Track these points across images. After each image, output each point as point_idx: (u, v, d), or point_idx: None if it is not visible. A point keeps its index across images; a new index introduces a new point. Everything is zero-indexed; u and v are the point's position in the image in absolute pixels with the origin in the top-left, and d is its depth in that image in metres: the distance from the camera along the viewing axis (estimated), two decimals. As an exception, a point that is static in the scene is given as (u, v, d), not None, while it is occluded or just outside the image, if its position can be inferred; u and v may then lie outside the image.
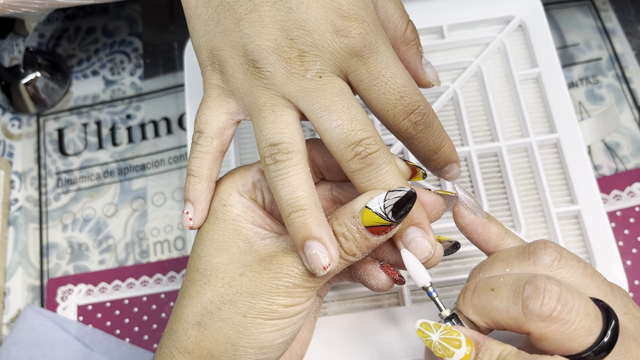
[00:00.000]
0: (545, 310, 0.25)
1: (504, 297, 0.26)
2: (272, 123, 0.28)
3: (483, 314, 0.27)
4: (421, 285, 0.29)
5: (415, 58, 0.33)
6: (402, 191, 0.27)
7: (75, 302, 0.46)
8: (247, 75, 0.29)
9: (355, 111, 0.28)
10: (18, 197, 0.51)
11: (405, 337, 0.38)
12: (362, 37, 0.28)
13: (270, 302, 0.28)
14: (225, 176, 0.32)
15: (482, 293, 0.27)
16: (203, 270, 0.30)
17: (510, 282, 0.26)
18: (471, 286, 0.28)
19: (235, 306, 0.28)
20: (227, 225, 0.30)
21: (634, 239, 0.45)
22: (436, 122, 0.31)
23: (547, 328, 0.25)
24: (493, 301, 0.26)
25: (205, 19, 0.30)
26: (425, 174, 0.32)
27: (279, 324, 0.28)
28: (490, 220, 0.31)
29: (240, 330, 0.28)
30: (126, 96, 0.54)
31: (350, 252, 0.28)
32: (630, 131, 0.49)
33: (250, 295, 0.28)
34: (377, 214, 0.27)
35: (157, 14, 0.57)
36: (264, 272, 0.28)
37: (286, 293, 0.28)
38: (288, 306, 0.28)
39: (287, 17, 0.28)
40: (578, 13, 0.53)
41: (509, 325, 0.26)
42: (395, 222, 0.28)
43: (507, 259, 0.29)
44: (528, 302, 0.25)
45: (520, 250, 0.29)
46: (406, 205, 0.27)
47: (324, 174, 0.32)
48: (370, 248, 0.28)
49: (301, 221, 0.27)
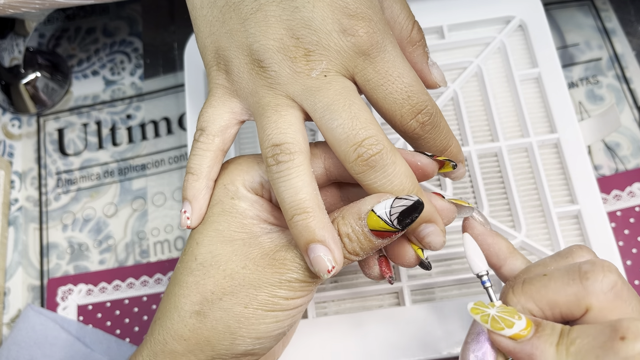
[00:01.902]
0: (608, 282, 0.25)
1: (559, 278, 0.26)
2: (274, 123, 0.28)
3: (538, 298, 0.26)
4: (476, 272, 0.28)
5: (421, 59, 0.33)
6: (409, 200, 0.27)
7: (76, 302, 0.46)
8: (252, 75, 0.29)
9: (356, 109, 0.28)
10: (18, 197, 0.51)
11: (406, 337, 0.38)
12: (369, 35, 0.28)
13: (272, 295, 0.28)
14: (231, 165, 0.31)
15: (534, 280, 0.27)
16: (202, 260, 0.29)
17: (563, 268, 0.26)
18: (519, 280, 0.27)
19: (236, 297, 0.28)
20: (233, 219, 0.30)
21: (634, 239, 0.44)
22: (443, 123, 0.31)
23: (609, 302, 0.25)
24: (548, 283, 0.26)
25: (211, 19, 0.30)
26: (455, 165, 0.31)
27: (278, 316, 0.29)
28: (499, 235, 0.31)
29: (241, 320, 0.28)
30: (126, 96, 0.54)
31: (354, 252, 0.28)
32: (630, 131, 0.49)
33: (253, 287, 0.28)
34: (383, 219, 0.27)
35: (157, 14, 0.57)
36: (267, 266, 0.28)
37: (288, 287, 0.28)
38: (289, 299, 0.28)
39: (293, 17, 0.28)
40: (578, 13, 0.53)
41: (567, 304, 0.25)
42: (399, 229, 0.27)
43: (544, 263, 0.29)
44: (589, 275, 0.25)
45: (556, 254, 0.29)
46: (413, 214, 0.27)
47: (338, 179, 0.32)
48: (374, 249, 0.28)
49: (304, 224, 0.27)
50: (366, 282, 0.40)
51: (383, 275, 0.31)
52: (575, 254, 0.28)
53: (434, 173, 0.30)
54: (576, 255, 0.28)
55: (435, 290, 0.40)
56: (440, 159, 0.30)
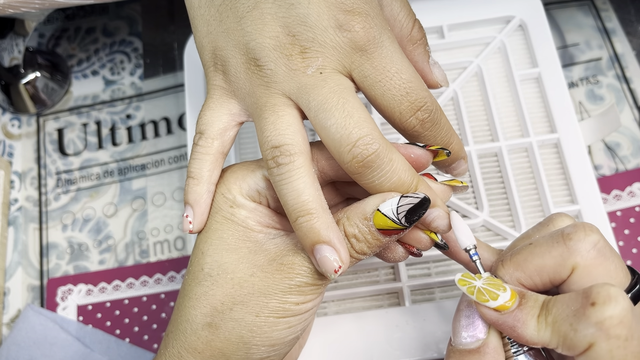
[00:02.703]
0: (590, 240, 0.25)
1: (544, 244, 0.26)
2: (273, 124, 0.28)
3: (525, 266, 0.26)
4: (464, 246, 0.28)
5: (422, 58, 0.32)
6: (416, 197, 0.27)
7: (75, 302, 0.46)
8: (249, 74, 0.29)
9: (350, 107, 0.27)
10: (18, 197, 0.50)
11: (406, 337, 0.38)
12: (366, 31, 0.28)
13: (283, 301, 0.28)
14: (227, 173, 0.31)
15: (521, 250, 0.27)
16: (209, 270, 0.29)
17: (548, 234, 0.27)
18: (507, 252, 0.28)
19: (247, 306, 0.28)
20: (236, 227, 0.30)
21: (634, 239, 0.44)
22: (444, 120, 0.30)
23: (593, 259, 0.25)
24: (533, 250, 0.26)
25: (208, 18, 0.30)
26: (449, 152, 0.31)
27: (291, 322, 0.28)
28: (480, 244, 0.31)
29: (253, 329, 0.28)
30: (126, 96, 0.54)
31: (362, 252, 0.28)
32: (630, 131, 0.48)
33: (263, 295, 0.28)
34: (390, 218, 0.27)
35: (157, 14, 0.57)
36: (275, 272, 0.28)
37: (298, 292, 0.28)
38: (300, 304, 0.28)
39: (289, 14, 0.28)
40: (578, 13, 0.53)
41: (553, 267, 0.26)
42: (407, 226, 0.27)
43: (527, 235, 0.29)
44: (572, 236, 0.26)
45: (538, 224, 0.29)
46: (419, 211, 0.27)
47: (333, 179, 0.31)
48: (381, 247, 0.28)
49: (309, 226, 0.27)
50: (366, 282, 0.40)
51: (410, 251, 0.30)
52: (556, 221, 0.29)
53: (429, 163, 0.30)
54: (557, 222, 0.29)
55: (435, 290, 0.40)
56: (434, 148, 0.30)
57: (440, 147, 0.30)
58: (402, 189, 0.28)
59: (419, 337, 0.38)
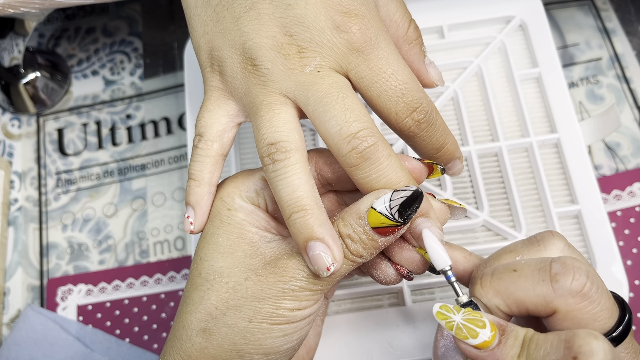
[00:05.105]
0: (576, 285, 0.25)
1: (529, 276, 0.26)
2: (269, 122, 0.28)
3: (506, 295, 0.26)
4: (440, 268, 0.28)
5: (418, 57, 0.33)
6: (407, 191, 0.27)
7: (75, 302, 0.46)
8: (245, 74, 0.29)
9: (350, 102, 0.27)
10: (18, 197, 0.50)
11: (406, 337, 0.38)
12: (362, 32, 0.28)
13: (277, 307, 0.27)
14: (228, 180, 0.32)
15: (503, 275, 0.26)
16: (206, 275, 0.29)
17: (533, 263, 0.26)
18: (488, 272, 0.27)
19: (240, 311, 0.28)
20: (232, 229, 0.30)
21: (634, 239, 0.44)
22: (439, 120, 0.30)
23: (576, 305, 0.25)
24: (517, 280, 0.26)
25: (205, 19, 0.30)
26: (443, 170, 0.31)
27: (285, 329, 0.28)
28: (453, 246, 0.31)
29: (246, 336, 0.27)
30: (126, 96, 0.54)
31: (357, 253, 0.27)
32: (630, 131, 0.48)
33: (256, 300, 0.28)
34: (383, 214, 0.27)
35: (157, 14, 0.57)
36: (269, 275, 0.28)
37: (292, 297, 0.27)
38: (295, 310, 0.28)
39: (286, 14, 0.28)
40: (578, 13, 0.53)
41: (534, 305, 0.25)
42: (402, 222, 0.27)
43: (515, 249, 0.29)
44: (558, 278, 0.25)
45: (527, 241, 0.29)
46: (413, 205, 0.27)
47: (333, 185, 0.32)
48: (378, 249, 0.28)
49: (302, 222, 0.27)
50: (366, 282, 0.40)
51: (400, 273, 0.30)
52: (548, 243, 0.28)
53: (424, 177, 0.30)
54: (548, 243, 0.28)
55: (435, 290, 0.40)
56: (427, 162, 0.30)
57: (434, 163, 0.30)
58: (399, 187, 0.27)
59: (419, 337, 0.38)
